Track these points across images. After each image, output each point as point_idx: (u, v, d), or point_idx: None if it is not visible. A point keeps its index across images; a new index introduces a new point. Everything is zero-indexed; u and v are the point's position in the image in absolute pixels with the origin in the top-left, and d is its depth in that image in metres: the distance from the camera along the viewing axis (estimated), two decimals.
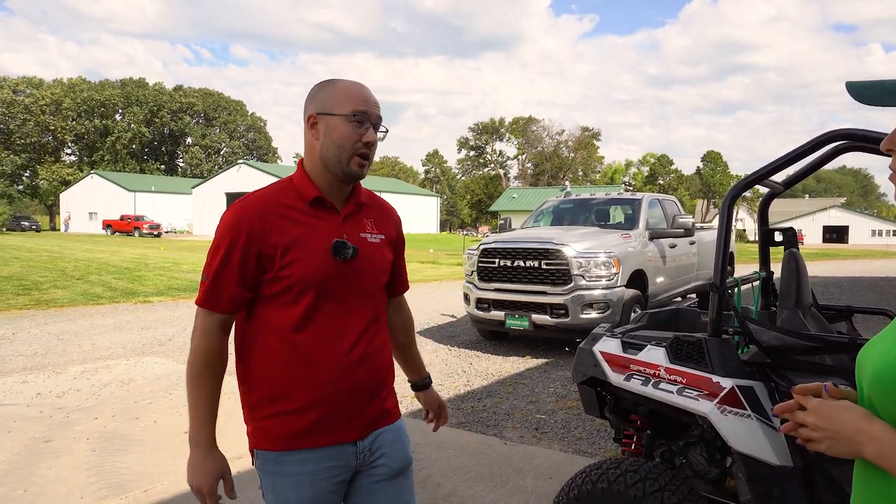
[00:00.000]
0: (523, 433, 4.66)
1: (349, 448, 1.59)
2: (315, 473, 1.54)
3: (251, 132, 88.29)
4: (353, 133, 1.52)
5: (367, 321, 1.61)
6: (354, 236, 1.59)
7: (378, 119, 1.57)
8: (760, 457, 1.90)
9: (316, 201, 1.56)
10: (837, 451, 0.96)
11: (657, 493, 2.01)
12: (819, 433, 0.98)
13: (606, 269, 6.92)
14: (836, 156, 2.48)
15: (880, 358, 0.93)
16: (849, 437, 0.93)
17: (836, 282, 17.23)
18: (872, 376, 0.93)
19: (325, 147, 1.54)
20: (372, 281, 1.64)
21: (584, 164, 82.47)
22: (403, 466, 1.70)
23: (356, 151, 1.53)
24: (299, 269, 1.50)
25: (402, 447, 1.71)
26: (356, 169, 1.55)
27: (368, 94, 1.57)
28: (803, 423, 1.01)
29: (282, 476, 1.54)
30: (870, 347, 1.02)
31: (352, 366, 1.56)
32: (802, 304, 2.86)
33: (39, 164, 69.68)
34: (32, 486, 3.60)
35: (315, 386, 1.53)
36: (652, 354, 2.24)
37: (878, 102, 0.99)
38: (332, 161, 1.54)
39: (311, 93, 1.59)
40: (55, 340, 7.93)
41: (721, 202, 2.73)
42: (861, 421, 0.93)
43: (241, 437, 1.54)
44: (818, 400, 1.01)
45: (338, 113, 1.52)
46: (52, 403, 5.24)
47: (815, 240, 68.54)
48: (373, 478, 1.64)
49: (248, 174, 51.18)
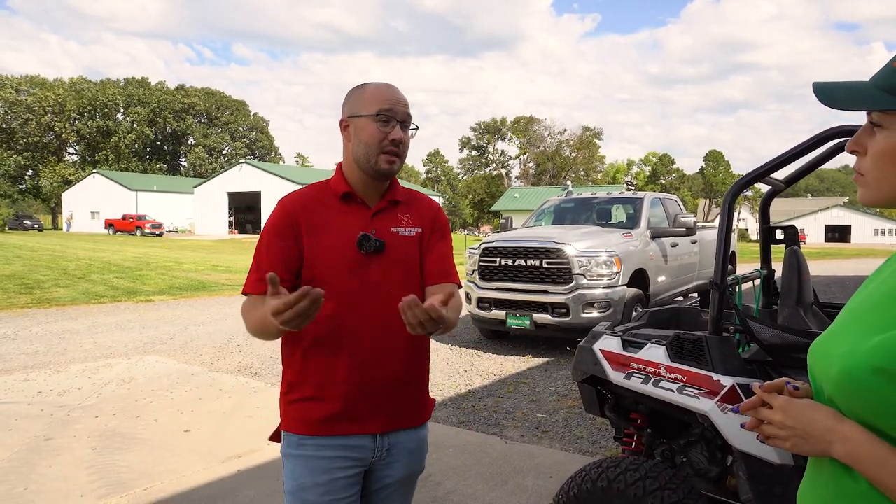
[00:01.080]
0: (524, 432, 4.65)
1: (368, 442, 1.62)
2: (331, 461, 1.58)
3: (253, 132, 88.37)
4: (378, 132, 1.57)
5: (393, 316, 1.57)
6: (384, 231, 1.63)
7: (406, 117, 1.61)
8: (761, 455, 1.89)
9: (346, 196, 1.63)
10: (803, 449, 0.95)
11: (657, 491, 2.00)
12: (786, 431, 0.96)
13: (608, 268, 6.91)
14: (837, 153, 2.47)
15: (846, 356, 0.90)
16: (818, 437, 0.92)
17: (839, 281, 17.20)
18: (838, 376, 0.90)
19: (355, 147, 1.61)
20: (402, 275, 1.64)
21: (586, 164, 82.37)
22: (414, 475, 1.74)
23: (383, 149, 1.58)
24: (326, 260, 1.57)
25: (420, 458, 1.74)
26: (385, 166, 1.60)
27: (395, 93, 1.62)
28: (768, 420, 1.00)
29: (300, 459, 1.59)
30: (826, 342, 0.98)
31: (378, 358, 1.60)
32: (804, 303, 2.85)
33: (42, 164, 69.78)
34: (33, 484, 3.60)
35: (340, 375, 1.58)
36: (652, 353, 2.24)
37: (847, 105, 0.95)
38: (363, 160, 1.60)
39: (345, 99, 1.67)
40: (56, 339, 7.94)
41: (722, 200, 2.71)
42: (831, 420, 0.91)
43: (240, 435, 1.57)
44: (785, 398, 0.99)
45: (364, 114, 1.59)
46: (53, 402, 5.24)
47: (818, 239, 68.43)
48: (382, 481, 1.67)
49: (250, 174, 51.21)
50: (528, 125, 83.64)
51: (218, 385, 5.86)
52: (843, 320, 0.98)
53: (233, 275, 16.16)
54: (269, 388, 5.74)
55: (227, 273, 16.72)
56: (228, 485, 3.65)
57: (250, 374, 6.30)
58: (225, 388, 5.78)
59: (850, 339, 0.92)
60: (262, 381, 6.05)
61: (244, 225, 55.09)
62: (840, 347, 0.93)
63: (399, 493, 1.72)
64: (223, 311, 10.49)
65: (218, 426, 4.70)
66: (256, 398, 5.45)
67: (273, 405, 5.21)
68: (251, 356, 7.12)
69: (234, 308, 10.86)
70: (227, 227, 53.09)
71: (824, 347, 0.98)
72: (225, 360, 6.92)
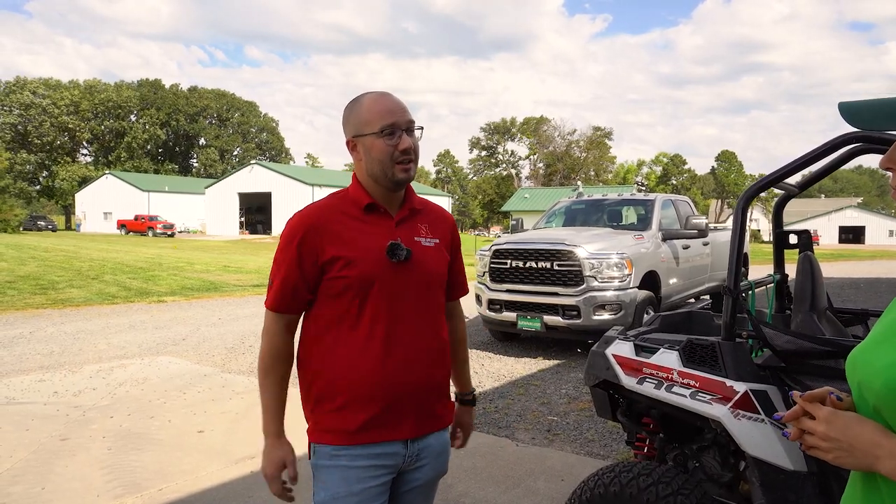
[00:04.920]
0: (535, 435, 4.65)
1: (400, 448, 1.64)
2: (365, 470, 1.61)
3: (263, 132, 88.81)
4: (387, 147, 1.60)
5: (424, 322, 1.68)
6: (408, 240, 1.67)
7: (409, 123, 1.63)
8: (774, 461, 1.89)
9: (369, 207, 1.66)
10: (846, 462, 0.93)
11: (670, 496, 2.00)
12: (829, 443, 0.95)
13: (619, 270, 6.89)
14: (851, 158, 2.45)
15: (891, 368, 0.89)
16: (864, 451, 0.90)
17: (853, 283, 17.04)
18: (883, 388, 0.89)
19: (369, 165, 1.64)
20: (427, 282, 1.69)
21: (596, 164, 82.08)
22: (439, 476, 1.79)
23: (396, 161, 1.61)
24: (356, 270, 1.59)
25: (445, 460, 1.79)
26: (402, 176, 1.64)
27: (391, 102, 1.63)
28: (811, 431, 0.98)
29: (334, 470, 1.61)
30: (869, 351, 0.96)
31: (408, 366, 1.63)
32: (817, 308, 2.83)
33: (57, 165, 70.49)
34: (49, 484, 3.65)
35: (371, 384, 1.60)
36: (665, 358, 2.23)
37: (875, 125, 0.94)
38: (379, 175, 1.63)
39: (344, 117, 1.69)
40: (71, 339, 8.03)
41: (735, 203, 2.71)
42: (878, 435, 0.89)
43: (253, 436, 1.58)
44: (830, 409, 0.97)
45: (368, 132, 1.61)
46: (68, 402, 5.31)
47: (831, 240, 67.76)
48: (409, 484, 1.71)
49: (261, 174, 51.45)
50: (538, 125, 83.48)
51: (230, 386, 5.91)
52: (884, 331, 0.96)
53: (244, 275, 16.24)
54: None
55: (239, 274, 16.81)
56: (242, 486, 3.69)
57: None
58: (238, 388, 5.82)
59: (893, 352, 0.91)
60: None
61: (255, 225, 55.35)
62: (884, 358, 0.91)
63: (423, 495, 1.76)
64: (235, 312, 10.55)
65: (231, 427, 4.74)
66: None
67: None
68: None
69: (246, 309, 10.92)
70: (237, 227, 53.37)
71: (867, 357, 0.96)
72: (237, 361, 6.96)
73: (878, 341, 0.96)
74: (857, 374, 0.97)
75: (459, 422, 1.97)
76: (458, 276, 1.90)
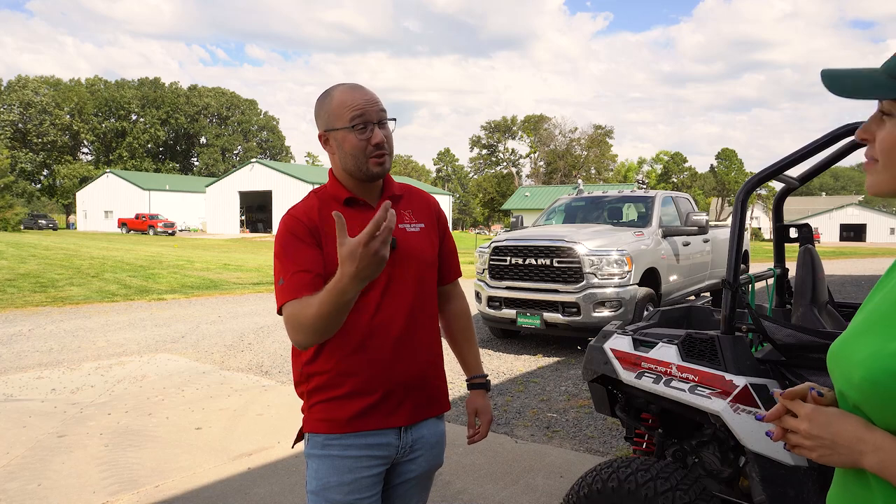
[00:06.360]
0: (534, 432, 4.63)
1: (393, 439, 1.63)
2: (357, 460, 1.59)
3: (264, 131, 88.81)
4: (359, 141, 1.57)
5: (413, 309, 1.65)
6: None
7: (380, 115, 1.59)
8: (774, 456, 1.87)
9: (349, 201, 1.64)
10: (831, 460, 0.91)
11: (669, 492, 1.98)
12: (812, 441, 0.93)
13: (619, 267, 6.87)
14: (852, 151, 2.43)
15: (870, 359, 0.86)
16: (847, 447, 0.88)
17: (854, 280, 17.01)
18: (863, 381, 0.86)
19: (342, 159, 1.62)
20: (416, 269, 1.67)
21: (597, 163, 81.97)
22: (433, 470, 1.77)
23: (369, 155, 1.59)
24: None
25: (440, 452, 1.77)
26: (377, 170, 1.61)
27: (361, 95, 1.59)
28: (794, 430, 0.96)
29: (325, 459, 1.60)
30: (846, 345, 0.94)
31: (399, 353, 1.61)
32: (818, 302, 2.81)
33: (58, 163, 70.53)
34: (46, 481, 3.64)
35: (363, 373, 1.59)
36: (663, 352, 2.21)
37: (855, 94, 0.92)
38: (353, 169, 1.61)
39: (315, 110, 1.66)
40: (70, 337, 8.02)
41: (735, 197, 2.68)
42: (861, 430, 0.87)
43: (251, 433, 1.57)
44: (811, 406, 0.95)
45: (339, 126, 1.58)
46: (66, 399, 5.29)
47: (832, 238, 67.72)
48: (403, 475, 1.69)
49: (261, 173, 51.46)
50: (539, 124, 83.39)
51: (229, 383, 5.89)
52: (863, 322, 0.94)
53: (244, 273, 16.23)
54: (280, 387, 5.76)
55: (239, 272, 16.79)
56: (239, 482, 3.67)
57: (261, 373, 6.33)
58: (236, 386, 5.80)
59: (871, 343, 0.88)
60: (272, 379, 6.08)
61: (255, 224, 55.38)
62: (861, 351, 0.89)
63: (417, 488, 1.74)
64: (234, 310, 10.54)
65: (229, 424, 4.72)
66: (267, 396, 5.47)
67: (283, 403, 5.23)
68: (262, 354, 7.15)
69: (246, 307, 10.91)
70: (238, 226, 53.39)
71: (845, 351, 0.94)
72: (236, 359, 6.95)
73: (856, 333, 0.94)
74: (837, 368, 0.95)
75: (475, 408, 1.90)
76: (450, 257, 1.86)
